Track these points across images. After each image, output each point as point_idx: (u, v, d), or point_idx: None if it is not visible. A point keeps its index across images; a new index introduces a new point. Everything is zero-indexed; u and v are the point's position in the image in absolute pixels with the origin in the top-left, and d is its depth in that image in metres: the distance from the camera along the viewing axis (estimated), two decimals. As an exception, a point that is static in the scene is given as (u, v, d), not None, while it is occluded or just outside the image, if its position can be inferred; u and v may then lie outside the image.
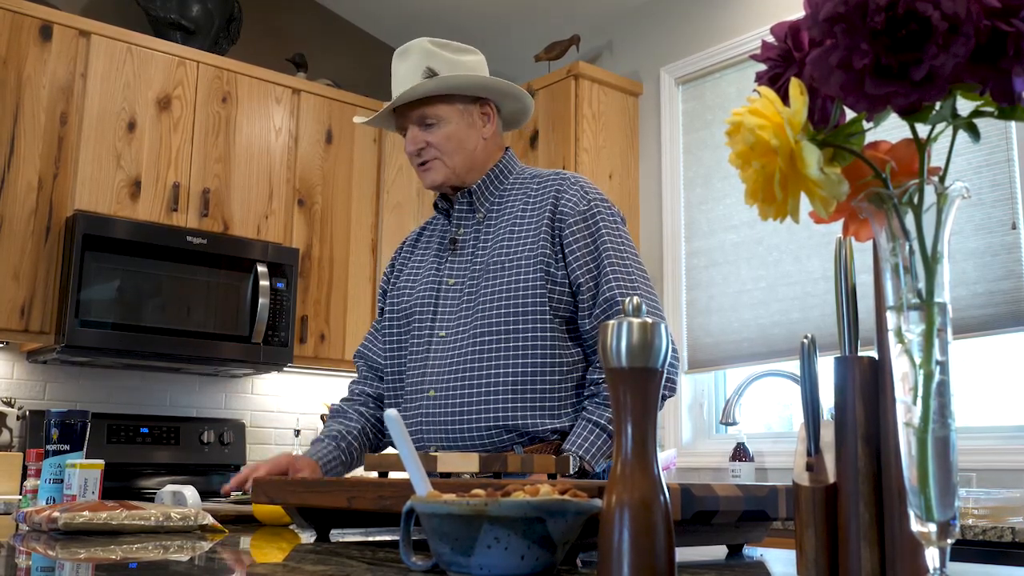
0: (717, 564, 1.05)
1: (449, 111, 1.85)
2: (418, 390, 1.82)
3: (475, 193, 1.89)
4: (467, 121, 1.87)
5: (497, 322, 1.75)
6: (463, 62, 1.88)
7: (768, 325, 3.46)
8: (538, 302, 1.74)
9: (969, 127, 0.62)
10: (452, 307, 1.83)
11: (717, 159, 3.76)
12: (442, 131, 1.85)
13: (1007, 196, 2.88)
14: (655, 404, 0.77)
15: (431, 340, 1.84)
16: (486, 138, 1.89)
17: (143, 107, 3.75)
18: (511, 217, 1.84)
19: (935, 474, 0.60)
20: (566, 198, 1.80)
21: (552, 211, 1.79)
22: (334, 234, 4.19)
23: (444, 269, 1.88)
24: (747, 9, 3.73)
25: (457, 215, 1.91)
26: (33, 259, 3.46)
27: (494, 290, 1.78)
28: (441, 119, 1.85)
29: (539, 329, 1.74)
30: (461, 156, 1.86)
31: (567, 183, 1.83)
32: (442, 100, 1.85)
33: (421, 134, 1.85)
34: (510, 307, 1.75)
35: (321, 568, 0.95)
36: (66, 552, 1.12)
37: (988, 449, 2.81)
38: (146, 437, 3.85)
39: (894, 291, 0.62)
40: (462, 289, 1.83)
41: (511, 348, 1.74)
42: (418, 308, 1.88)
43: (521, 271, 1.76)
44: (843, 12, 0.58)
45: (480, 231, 1.87)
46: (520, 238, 1.80)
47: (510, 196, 1.88)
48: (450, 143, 1.85)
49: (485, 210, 1.89)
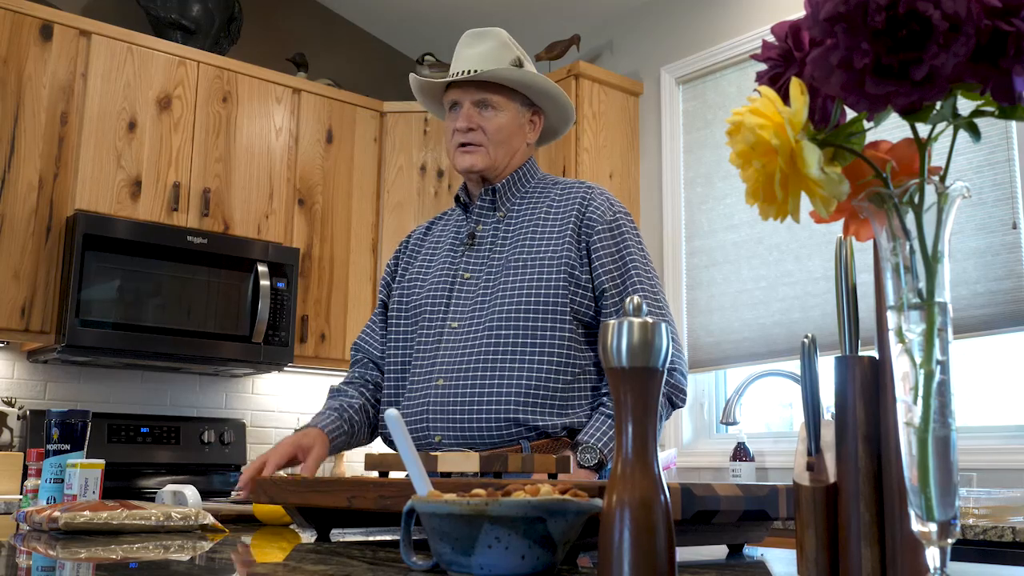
0: (718, 564, 1.05)
1: (509, 104, 1.90)
2: (427, 379, 1.82)
3: (499, 191, 1.92)
4: (519, 121, 1.92)
5: (515, 318, 1.77)
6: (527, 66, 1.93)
7: (769, 325, 3.46)
8: (559, 302, 1.77)
9: (970, 127, 0.62)
10: (467, 301, 1.84)
11: (718, 159, 3.76)
12: (497, 120, 1.88)
13: (1008, 195, 2.88)
14: (655, 403, 0.77)
15: (443, 331, 1.85)
16: (529, 143, 1.95)
17: (144, 107, 3.75)
18: (534, 218, 1.87)
19: (936, 474, 0.60)
20: (594, 206, 1.85)
21: (579, 217, 1.84)
22: (334, 234, 4.19)
23: (460, 263, 1.90)
24: (747, 9, 3.73)
25: (478, 211, 1.93)
26: (34, 259, 3.46)
27: (514, 287, 1.79)
28: (501, 108, 1.88)
29: (556, 329, 1.76)
30: (504, 150, 1.90)
31: (594, 192, 1.88)
32: (508, 92, 1.89)
33: (476, 116, 1.88)
34: (530, 305, 1.77)
35: (322, 568, 0.95)
36: (67, 552, 1.12)
37: (989, 449, 2.81)
38: (147, 437, 3.85)
39: (895, 291, 0.62)
40: (478, 283, 1.85)
41: (527, 345, 1.76)
42: (430, 301, 1.89)
43: (544, 270, 1.79)
44: (844, 12, 0.58)
45: (500, 229, 1.90)
46: (544, 239, 1.83)
47: (531, 198, 1.92)
48: (500, 134, 1.88)
49: (506, 209, 1.92)
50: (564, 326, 1.77)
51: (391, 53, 4.87)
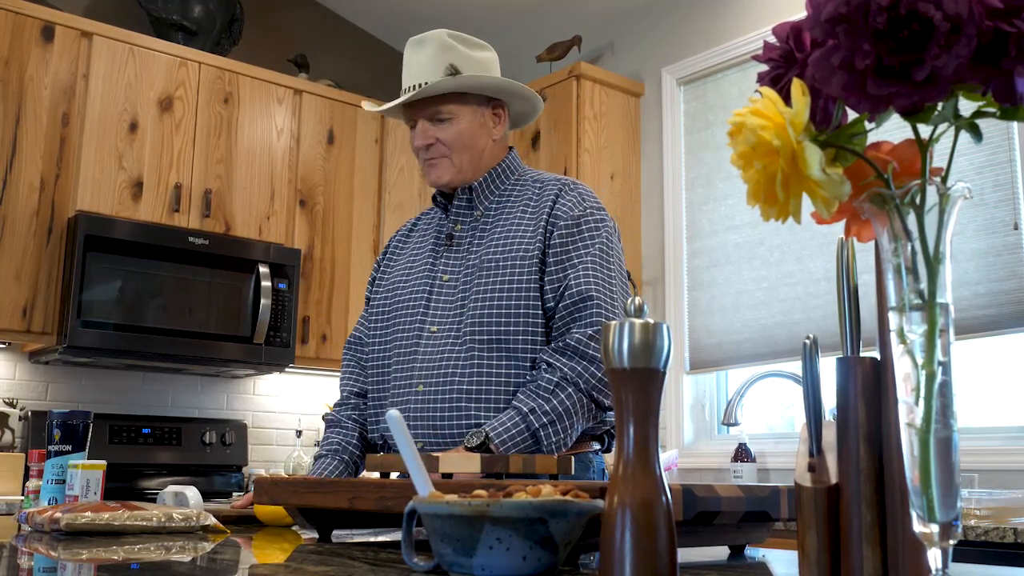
0: (719, 565, 1.05)
1: (462, 109, 1.84)
2: (406, 384, 1.81)
3: (475, 191, 1.88)
4: (478, 121, 1.86)
5: (488, 321, 1.74)
6: (480, 59, 1.87)
7: (770, 326, 3.46)
8: (529, 304, 1.74)
9: (971, 127, 0.62)
10: (445, 303, 1.81)
11: (719, 160, 3.76)
12: (453, 128, 1.84)
13: (1009, 196, 2.88)
14: (656, 405, 0.77)
15: (421, 334, 1.82)
16: (495, 139, 1.89)
17: (145, 108, 3.75)
18: (509, 218, 1.83)
19: (937, 475, 0.60)
20: (562, 203, 1.80)
21: (548, 214, 1.79)
22: (336, 235, 4.19)
23: (439, 265, 1.87)
24: (749, 10, 3.73)
25: (455, 211, 1.90)
26: (35, 260, 3.46)
27: (486, 289, 1.76)
28: (454, 116, 1.84)
29: (528, 331, 1.73)
30: (469, 155, 1.85)
31: (566, 188, 1.83)
32: (457, 98, 1.84)
33: (431, 129, 1.84)
34: (501, 307, 1.74)
35: (323, 569, 0.95)
36: (68, 553, 1.12)
37: (990, 450, 2.81)
38: (148, 438, 3.85)
39: (896, 291, 0.62)
40: (455, 286, 1.82)
41: (500, 348, 1.73)
42: (410, 303, 1.86)
43: (515, 272, 1.76)
44: (845, 12, 0.58)
45: (477, 229, 1.86)
46: (516, 239, 1.79)
47: (510, 197, 1.87)
48: (460, 141, 1.84)
49: (484, 208, 1.88)
50: (537, 327, 1.73)
51: (392, 54, 4.87)
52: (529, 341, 1.73)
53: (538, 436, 1.64)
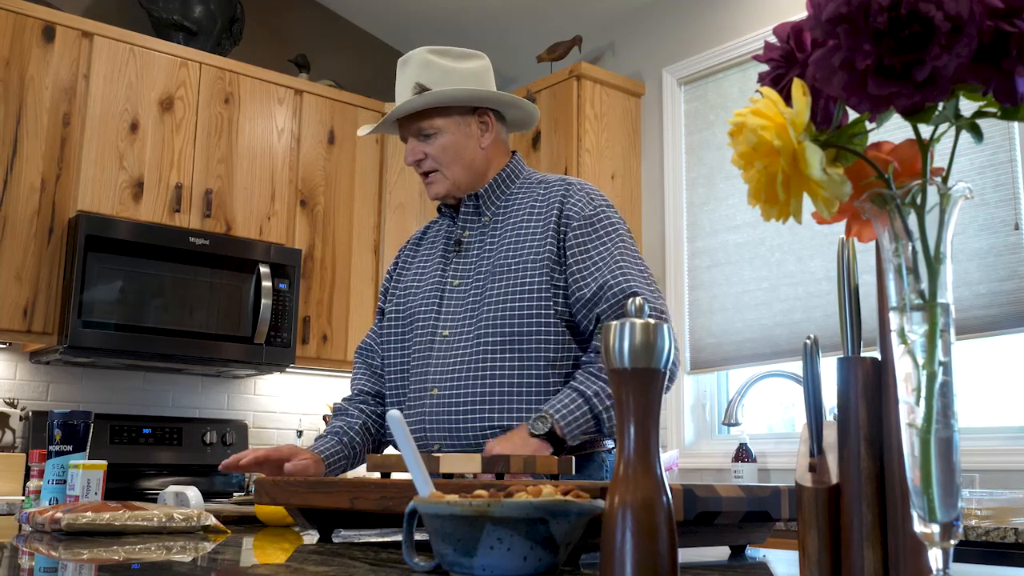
0: (720, 565, 1.04)
1: (445, 123, 1.87)
2: (422, 389, 1.83)
3: (481, 196, 1.90)
4: (464, 132, 1.89)
5: (501, 324, 1.76)
6: (461, 70, 1.89)
7: (770, 326, 3.46)
8: (542, 305, 1.75)
9: (972, 127, 0.62)
10: (457, 308, 1.84)
11: (719, 160, 3.75)
12: (439, 142, 1.87)
13: (1010, 196, 2.88)
14: (658, 405, 0.77)
15: (434, 340, 1.84)
16: (484, 147, 1.91)
17: (146, 108, 3.75)
18: (517, 221, 1.85)
19: (938, 475, 0.60)
20: (572, 202, 1.81)
21: (558, 215, 1.80)
22: (336, 235, 4.19)
23: (449, 271, 1.89)
24: (749, 10, 3.73)
25: (463, 217, 1.92)
26: (36, 260, 3.46)
27: (499, 293, 1.78)
28: (437, 131, 1.87)
29: (543, 332, 1.74)
30: (459, 166, 1.88)
31: (573, 188, 1.85)
32: (438, 112, 1.87)
33: (419, 145, 1.88)
34: (515, 310, 1.75)
35: (324, 569, 0.95)
36: (69, 553, 1.13)
37: (991, 450, 2.81)
38: (149, 438, 3.85)
39: (897, 292, 0.62)
40: (467, 291, 1.84)
41: (515, 351, 1.74)
42: (422, 309, 1.89)
43: (527, 275, 1.77)
44: (846, 13, 0.58)
45: (486, 234, 1.88)
46: (526, 242, 1.81)
47: (516, 200, 1.89)
48: (446, 154, 1.87)
49: (491, 213, 1.90)
50: (550, 329, 1.74)
51: (393, 54, 4.87)
52: (542, 342, 1.74)
53: (600, 419, 1.66)
